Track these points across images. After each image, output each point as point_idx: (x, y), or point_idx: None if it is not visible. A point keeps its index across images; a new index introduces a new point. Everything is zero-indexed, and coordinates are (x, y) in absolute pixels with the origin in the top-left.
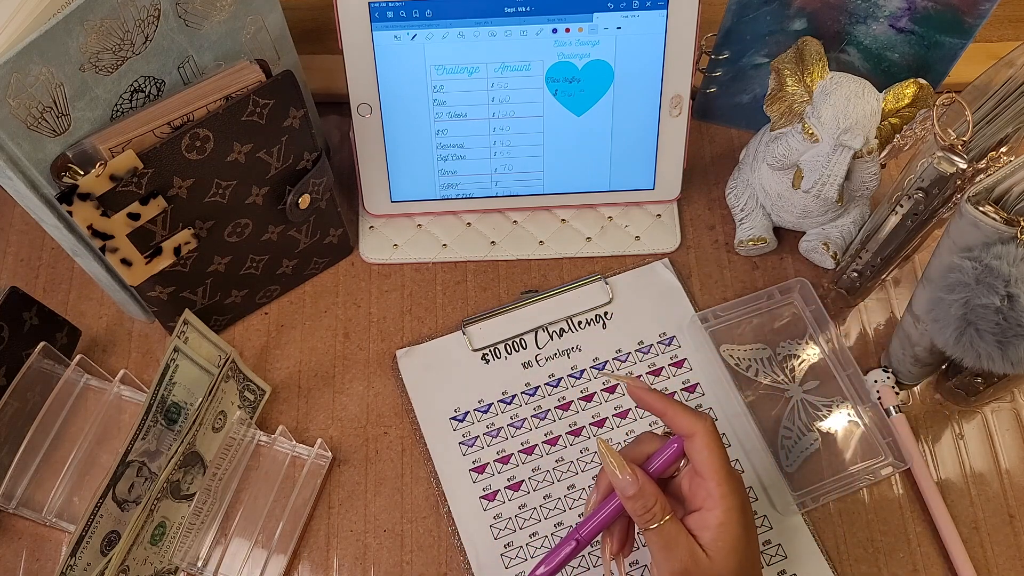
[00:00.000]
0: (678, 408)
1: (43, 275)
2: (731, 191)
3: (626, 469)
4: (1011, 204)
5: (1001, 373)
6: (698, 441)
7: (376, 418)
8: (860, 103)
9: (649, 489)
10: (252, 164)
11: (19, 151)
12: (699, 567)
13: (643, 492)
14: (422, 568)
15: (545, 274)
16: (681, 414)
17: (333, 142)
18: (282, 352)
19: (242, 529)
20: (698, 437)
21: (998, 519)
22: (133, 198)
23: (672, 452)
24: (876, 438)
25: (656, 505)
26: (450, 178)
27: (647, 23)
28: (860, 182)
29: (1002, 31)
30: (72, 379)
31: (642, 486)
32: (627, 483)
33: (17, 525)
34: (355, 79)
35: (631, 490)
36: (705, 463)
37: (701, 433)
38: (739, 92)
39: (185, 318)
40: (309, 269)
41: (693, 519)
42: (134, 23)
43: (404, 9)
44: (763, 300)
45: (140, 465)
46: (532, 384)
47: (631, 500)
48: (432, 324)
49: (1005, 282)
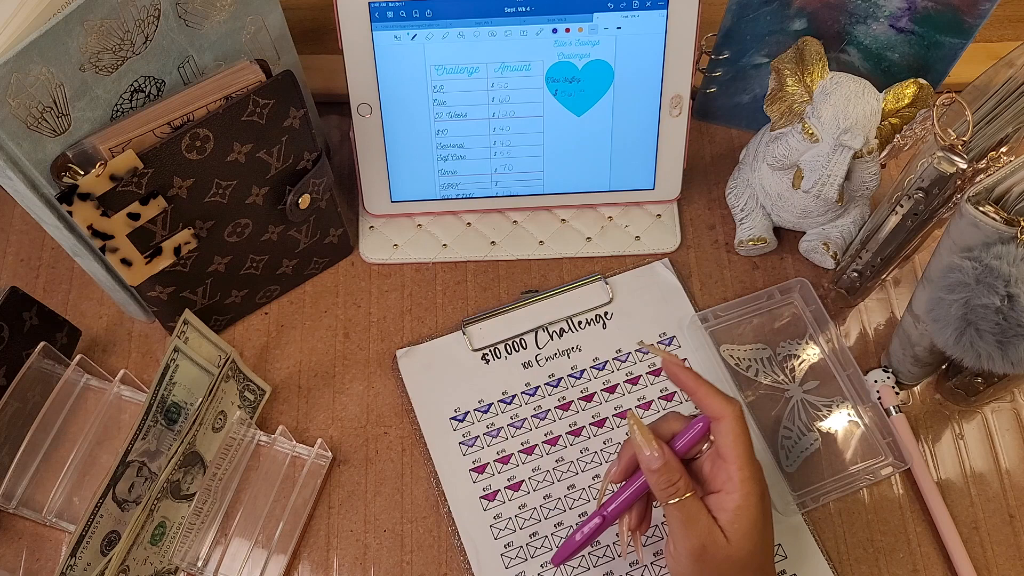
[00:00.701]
0: (710, 389)
1: (43, 275)
2: (731, 191)
3: (653, 444)
4: (1011, 204)
5: (1001, 373)
6: (725, 424)
7: (376, 418)
8: (860, 103)
9: (674, 465)
10: (252, 164)
11: (19, 151)
12: (716, 545)
13: (668, 467)
14: (422, 568)
15: (545, 274)
16: (712, 395)
17: (333, 142)
18: (282, 352)
19: (242, 529)
20: (726, 420)
21: (998, 519)
22: (133, 198)
23: (697, 432)
24: (876, 438)
25: (680, 480)
26: (450, 178)
27: (647, 23)
28: (860, 182)
29: (1002, 31)
30: (72, 379)
31: (667, 461)
32: (653, 457)
33: (17, 525)
34: (355, 79)
35: (656, 464)
36: (729, 446)
37: (729, 417)
38: (739, 92)
39: (185, 318)
40: (309, 269)
41: (712, 500)
42: (134, 23)
43: (404, 9)
44: (763, 300)
45: (140, 465)
46: (532, 384)
47: (655, 474)
48: (432, 324)
49: (1005, 282)
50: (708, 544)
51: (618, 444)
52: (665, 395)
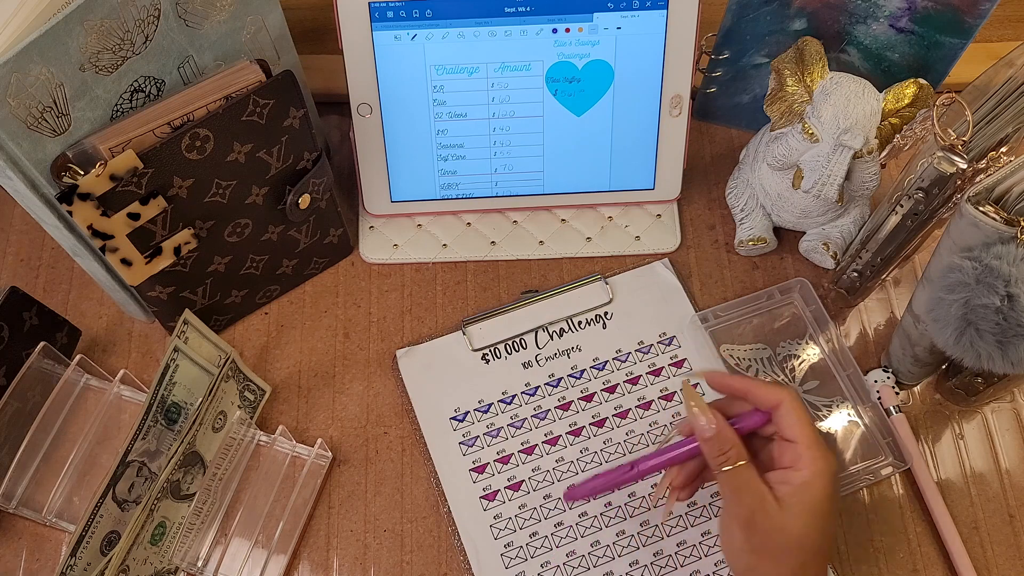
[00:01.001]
0: (759, 384)
1: (43, 275)
2: (731, 191)
3: (707, 412)
4: (1011, 204)
5: (1001, 373)
6: (783, 408)
7: (376, 418)
8: (860, 103)
9: (727, 434)
10: (252, 164)
11: (19, 151)
12: (766, 513)
13: (720, 435)
14: (422, 568)
15: (545, 274)
16: (764, 388)
17: (333, 142)
18: (282, 352)
19: (242, 529)
20: (783, 405)
21: (998, 519)
22: (133, 198)
23: (756, 419)
24: (876, 438)
25: (732, 450)
26: (450, 178)
27: (647, 23)
28: (860, 182)
29: (1002, 31)
30: (72, 379)
31: (720, 430)
32: (707, 427)
33: (17, 525)
34: (355, 79)
35: (708, 432)
36: (793, 427)
37: (786, 401)
38: (739, 92)
39: (185, 318)
40: (309, 269)
41: (776, 474)
42: (134, 23)
43: (404, 9)
44: (763, 300)
45: (140, 465)
46: (532, 384)
47: (708, 443)
48: (432, 324)
49: (1005, 282)
50: (757, 511)
51: (618, 444)
52: (665, 395)
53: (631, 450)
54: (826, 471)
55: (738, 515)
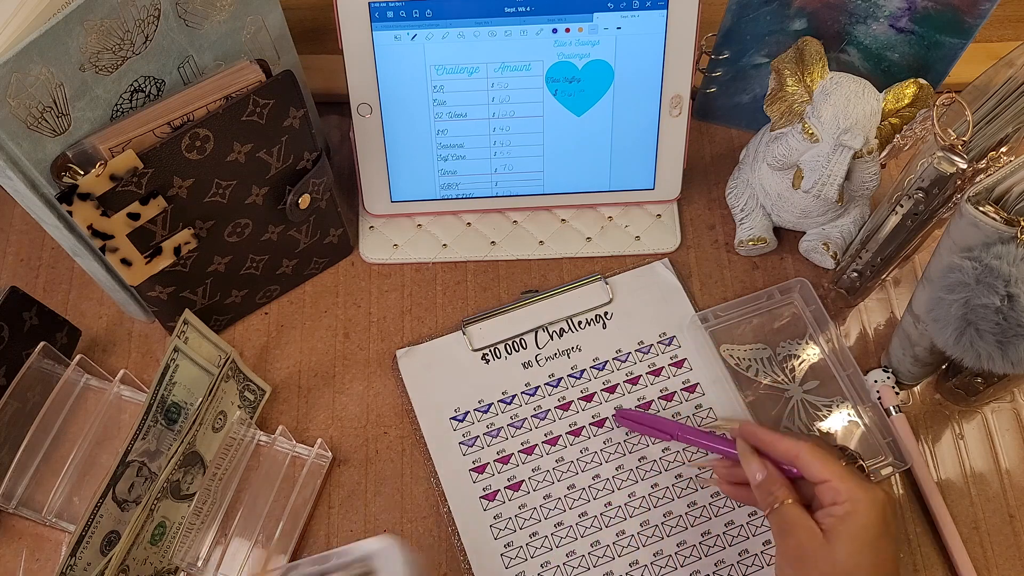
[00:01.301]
0: (779, 438)
1: (43, 275)
2: (731, 191)
3: (756, 460)
4: (1011, 204)
5: (1001, 373)
6: (802, 459)
7: (376, 418)
8: (860, 103)
9: (774, 477)
10: (252, 164)
11: (19, 151)
12: (814, 547)
13: (769, 479)
14: (422, 568)
15: (545, 274)
16: (782, 442)
17: (333, 142)
18: (282, 352)
19: (242, 529)
20: (801, 456)
21: (998, 519)
22: (133, 198)
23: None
24: (876, 438)
25: (779, 491)
26: (450, 178)
27: (647, 23)
28: (860, 182)
29: (1002, 31)
30: (72, 379)
31: (769, 475)
32: (755, 471)
33: (17, 525)
34: (355, 79)
35: (760, 477)
36: (819, 470)
37: (804, 451)
38: (739, 92)
39: (185, 318)
40: (309, 269)
41: (822, 512)
42: (134, 23)
43: (404, 9)
44: (763, 300)
45: (140, 465)
46: (532, 384)
47: (758, 487)
48: (432, 324)
49: (1005, 282)
50: (806, 547)
51: (618, 444)
52: (665, 395)
53: (631, 450)
54: (865, 499)
55: (787, 552)
